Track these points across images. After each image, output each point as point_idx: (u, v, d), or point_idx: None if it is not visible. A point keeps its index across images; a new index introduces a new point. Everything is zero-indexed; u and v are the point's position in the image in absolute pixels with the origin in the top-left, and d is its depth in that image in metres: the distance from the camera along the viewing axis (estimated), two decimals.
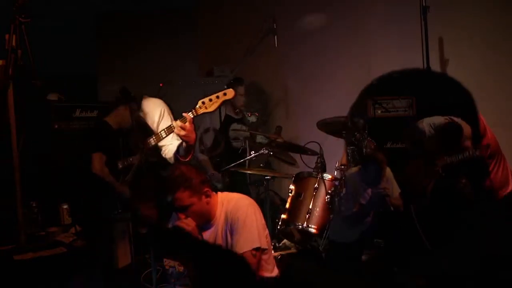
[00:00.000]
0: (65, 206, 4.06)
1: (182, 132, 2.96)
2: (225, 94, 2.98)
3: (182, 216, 2.75)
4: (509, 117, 4.43)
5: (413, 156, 3.18)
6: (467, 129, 3.25)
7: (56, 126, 4.50)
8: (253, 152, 4.53)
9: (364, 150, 4.08)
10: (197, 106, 2.97)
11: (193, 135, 3.03)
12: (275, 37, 5.41)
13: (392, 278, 3.21)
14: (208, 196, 2.79)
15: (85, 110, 4.65)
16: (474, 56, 4.59)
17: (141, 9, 6.47)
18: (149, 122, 3.41)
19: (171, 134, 3.18)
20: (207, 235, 2.86)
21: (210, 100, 2.97)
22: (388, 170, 4.14)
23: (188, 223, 2.71)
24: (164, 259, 3.06)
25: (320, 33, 5.56)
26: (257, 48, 5.65)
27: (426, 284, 2.98)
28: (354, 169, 4.10)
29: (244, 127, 4.50)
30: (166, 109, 3.48)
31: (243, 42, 5.89)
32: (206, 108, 2.98)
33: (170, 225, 2.90)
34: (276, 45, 5.41)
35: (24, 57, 3.07)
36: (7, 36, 3.03)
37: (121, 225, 3.51)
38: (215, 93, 2.99)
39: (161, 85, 5.48)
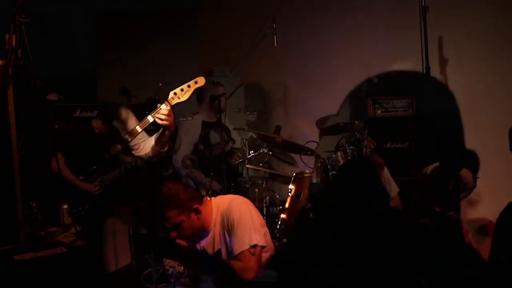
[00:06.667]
0: (65, 206, 4.06)
1: (169, 120, 2.98)
2: (196, 82, 3.01)
3: (173, 235, 2.74)
4: (510, 116, 4.44)
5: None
6: (468, 175, 3.38)
7: (56, 126, 4.50)
8: (252, 152, 4.52)
9: (364, 150, 4.08)
10: (170, 97, 3.00)
11: (173, 122, 3.06)
12: (275, 37, 5.41)
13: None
14: (198, 212, 2.79)
15: (85, 110, 4.65)
16: (474, 55, 4.60)
17: (141, 9, 6.47)
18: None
19: (142, 132, 3.22)
20: (205, 242, 2.87)
21: (182, 90, 3.00)
22: (386, 171, 4.14)
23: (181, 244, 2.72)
24: (164, 259, 3.06)
25: (319, 33, 5.56)
26: (257, 48, 5.65)
27: (427, 284, 2.97)
28: None
29: (223, 132, 4.47)
30: (129, 112, 3.52)
31: (243, 42, 5.89)
32: (178, 98, 3.01)
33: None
34: (275, 45, 5.41)
35: (24, 57, 3.07)
36: (7, 36, 3.03)
37: (112, 223, 3.50)
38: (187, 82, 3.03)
39: (160, 85, 5.47)
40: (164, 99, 3.03)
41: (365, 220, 2.26)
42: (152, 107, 3.61)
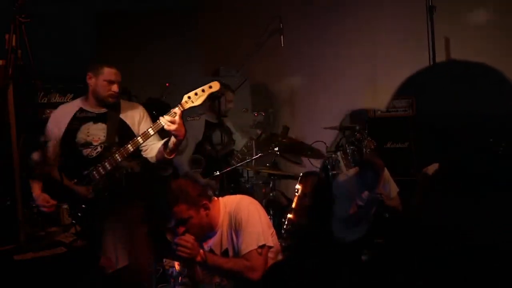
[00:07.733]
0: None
1: (172, 127, 3.01)
2: (210, 87, 3.04)
3: (181, 230, 2.74)
4: None
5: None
6: None
7: None
8: (259, 152, 4.51)
9: (364, 150, 4.07)
10: (183, 101, 3.03)
11: (183, 129, 3.08)
12: (281, 36, 5.41)
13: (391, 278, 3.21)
14: (206, 208, 2.79)
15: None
16: (480, 55, 4.60)
17: (141, 9, 6.46)
18: (130, 123, 3.44)
19: (154, 135, 3.23)
20: (213, 241, 2.87)
21: (196, 94, 3.02)
22: (385, 171, 4.13)
23: (187, 240, 2.71)
24: (164, 259, 3.06)
25: (326, 33, 5.56)
26: (263, 48, 5.66)
27: (426, 284, 2.98)
28: (351, 171, 4.09)
29: (224, 134, 4.47)
30: (145, 113, 3.52)
31: (243, 42, 5.89)
32: (192, 102, 3.04)
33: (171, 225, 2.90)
34: (282, 45, 5.42)
35: (24, 57, 3.07)
36: (7, 36, 3.03)
37: (112, 223, 3.49)
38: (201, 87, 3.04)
39: (167, 85, 5.46)
40: (170, 99, 3.04)
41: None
42: (152, 107, 3.60)
